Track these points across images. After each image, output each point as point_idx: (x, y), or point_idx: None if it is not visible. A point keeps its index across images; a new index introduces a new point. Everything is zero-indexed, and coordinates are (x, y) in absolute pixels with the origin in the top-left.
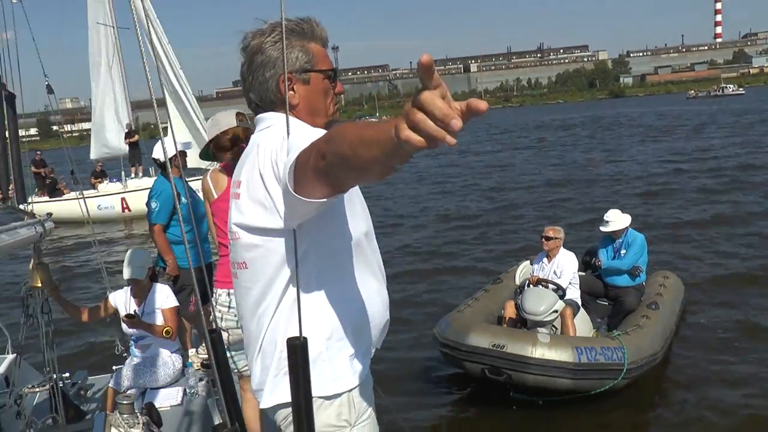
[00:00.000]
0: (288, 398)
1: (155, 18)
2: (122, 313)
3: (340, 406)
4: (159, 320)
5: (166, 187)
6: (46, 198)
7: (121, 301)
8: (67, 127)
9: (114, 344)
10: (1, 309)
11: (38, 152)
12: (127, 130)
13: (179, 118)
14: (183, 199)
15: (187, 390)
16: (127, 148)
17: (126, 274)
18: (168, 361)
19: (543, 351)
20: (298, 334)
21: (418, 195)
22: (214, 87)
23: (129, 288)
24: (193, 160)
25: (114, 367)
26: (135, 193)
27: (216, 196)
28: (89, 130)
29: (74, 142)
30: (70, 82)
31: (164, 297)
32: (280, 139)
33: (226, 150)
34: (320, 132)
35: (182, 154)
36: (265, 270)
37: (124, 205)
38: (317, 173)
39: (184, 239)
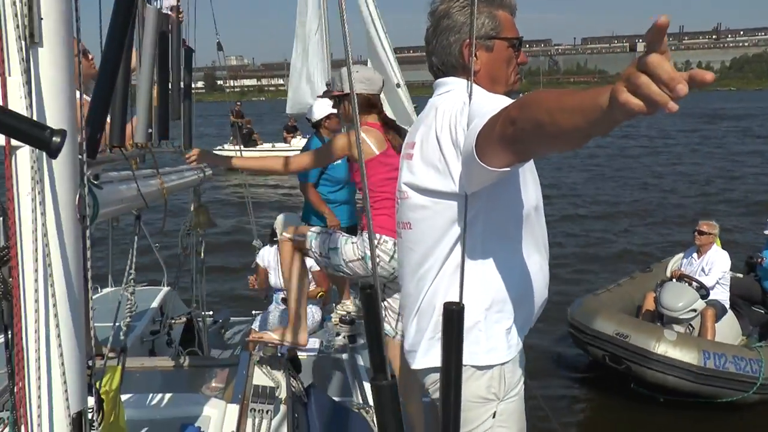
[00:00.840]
0: (440, 363)
1: None
2: (272, 269)
3: (491, 378)
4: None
5: (316, 146)
6: (240, 147)
7: (270, 258)
8: (230, 83)
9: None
10: (163, 245)
11: (237, 103)
12: (325, 89)
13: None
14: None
15: (325, 342)
16: None
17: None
18: (308, 312)
19: (666, 348)
20: (457, 300)
21: (569, 173)
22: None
23: (276, 246)
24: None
25: (254, 312)
26: None
27: (378, 153)
28: (251, 86)
29: (236, 96)
30: (235, 41)
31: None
32: (461, 104)
33: (347, 111)
34: (505, 99)
35: (336, 116)
36: (430, 232)
37: None
38: (503, 140)
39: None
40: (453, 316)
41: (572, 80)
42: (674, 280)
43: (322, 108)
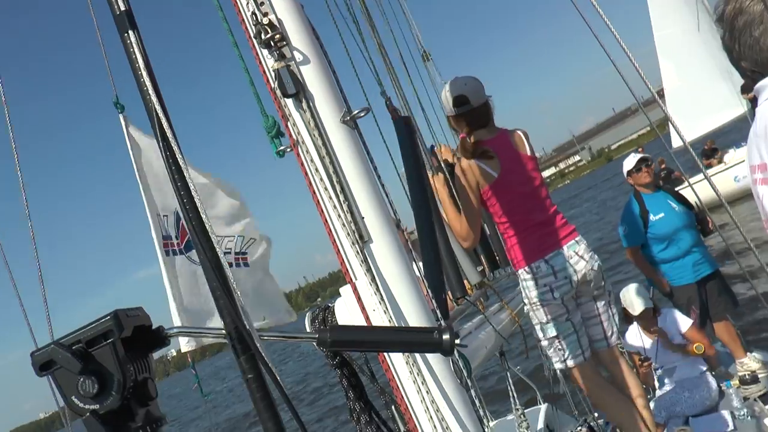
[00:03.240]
0: None
1: None
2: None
3: None
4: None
5: (631, 206)
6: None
7: (635, 338)
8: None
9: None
10: (524, 363)
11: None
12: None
13: None
14: (652, 217)
15: (735, 413)
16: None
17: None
18: (700, 383)
19: None
20: None
21: None
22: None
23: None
24: None
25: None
26: None
27: (496, 175)
28: (551, 176)
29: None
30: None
31: (676, 321)
32: None
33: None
34: None
35: (646, 167)
36: None
37: None
38: None
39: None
40: None
41: None
42: None
43: (628, 161)
